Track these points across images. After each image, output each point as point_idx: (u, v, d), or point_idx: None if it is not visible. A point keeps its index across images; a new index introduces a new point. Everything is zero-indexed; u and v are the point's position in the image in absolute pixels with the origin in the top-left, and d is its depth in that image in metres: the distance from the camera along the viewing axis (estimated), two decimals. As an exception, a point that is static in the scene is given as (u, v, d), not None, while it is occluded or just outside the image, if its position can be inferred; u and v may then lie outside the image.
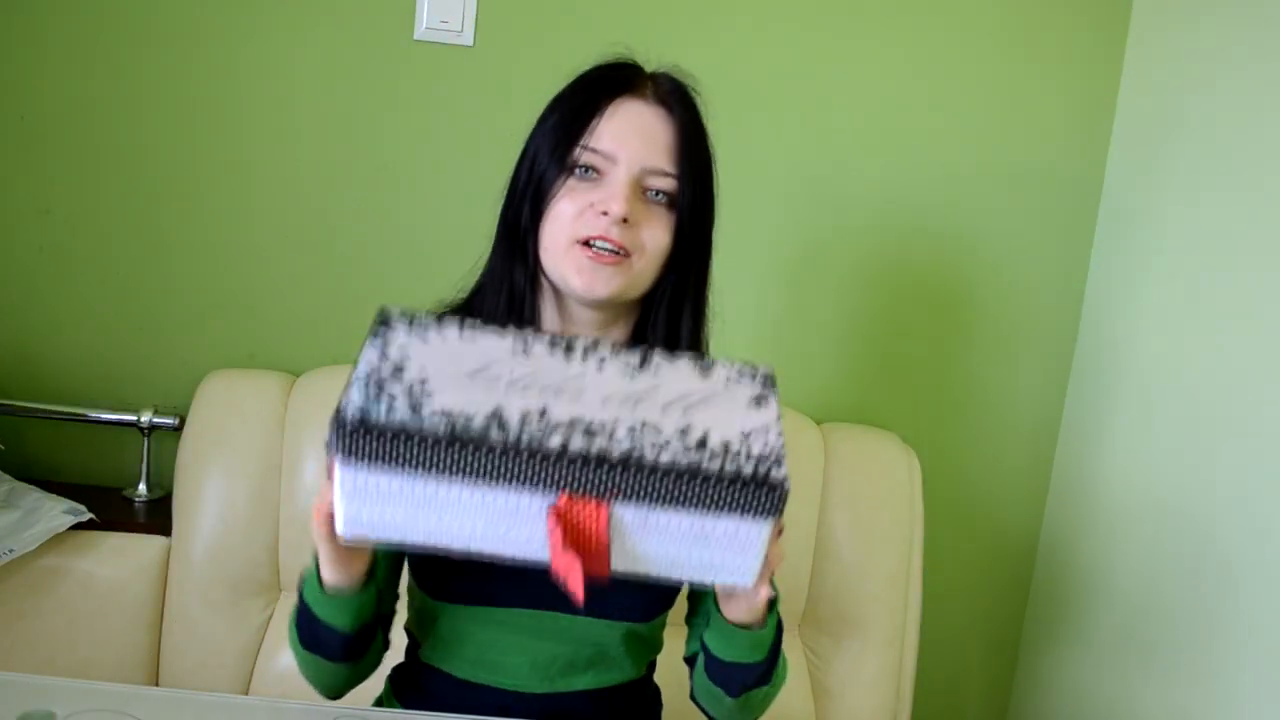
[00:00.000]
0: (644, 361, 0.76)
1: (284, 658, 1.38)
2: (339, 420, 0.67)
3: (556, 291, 0.96)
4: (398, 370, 0.71)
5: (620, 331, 1.00)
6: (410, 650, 1.05)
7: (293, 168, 1.52)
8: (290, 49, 1.50)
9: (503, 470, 0.67)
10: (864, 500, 1.50)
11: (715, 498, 0.69)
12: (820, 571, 1.48)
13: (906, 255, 1.63)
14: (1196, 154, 1.43)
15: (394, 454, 0.67)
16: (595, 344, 0.76)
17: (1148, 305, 1.50)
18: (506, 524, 0.70)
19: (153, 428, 1.49)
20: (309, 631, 0.90)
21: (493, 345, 0.75)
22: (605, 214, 0.90)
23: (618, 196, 0.90)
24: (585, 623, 0.96)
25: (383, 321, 0.75)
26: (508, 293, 0.97)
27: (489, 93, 1.53)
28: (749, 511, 0.70)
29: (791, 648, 1.49)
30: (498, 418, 0.69)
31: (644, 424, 0.71)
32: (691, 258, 0.96)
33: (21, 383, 1.52)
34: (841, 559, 1.48)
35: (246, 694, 1.37)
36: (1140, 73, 1.57)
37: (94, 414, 1.50)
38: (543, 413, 0.70)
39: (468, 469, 0.67)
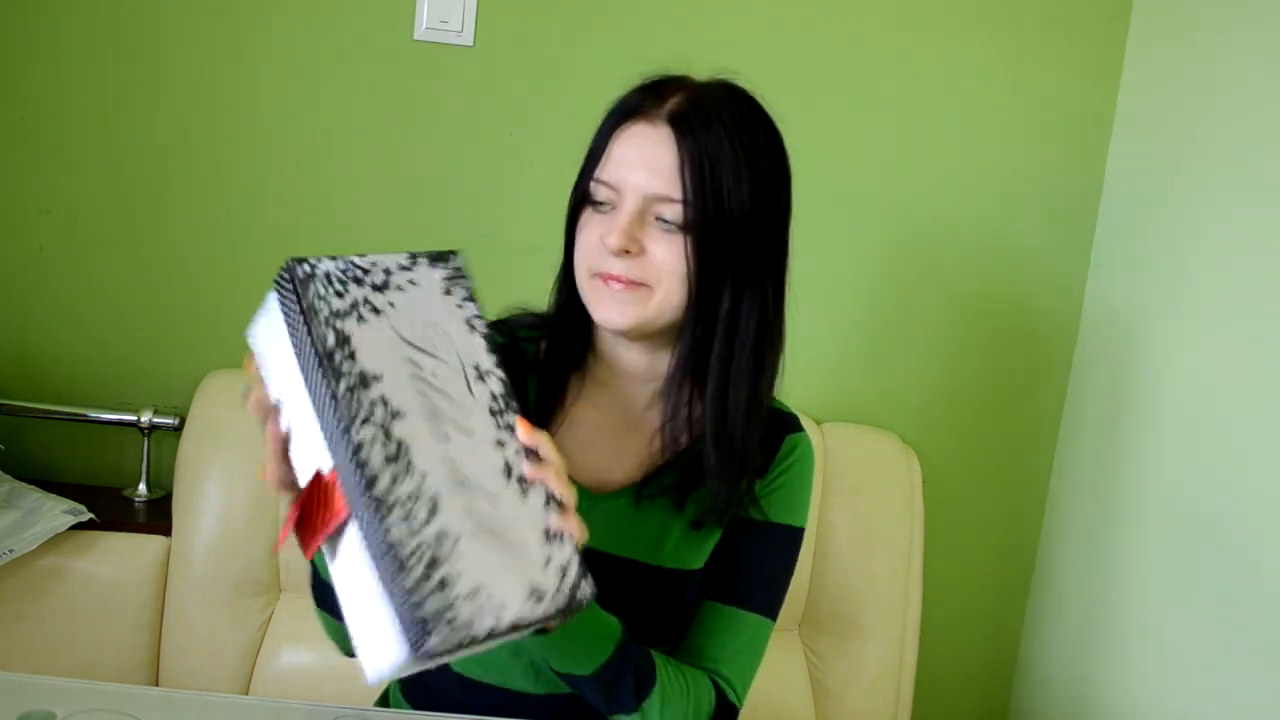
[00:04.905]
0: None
1: (284, 658, 1.38)
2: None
3: None
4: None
5: (669, 358, 0.96)
6: None
7: (293, 167, 1.52)
8: (291, 49, 1.50)
9: (325, 408, 0.71)
10: (864, 500, 1.50)
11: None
12: (820, 571, 1.48)
13: (905, 256, 1.63)
14: (1196, 153, 1.42)
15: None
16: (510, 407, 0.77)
17: (1148, 305, 1.49)
18: (304, 439, 0.74)
19: (153, 428, 1.49)
20: (316, 584, 0.92)
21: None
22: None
23: (616, 228, 0.87)
24: None
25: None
26: (566, 314, 0.98)
27: (489, 93, 1.53)
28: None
29: (791, 648, 1.49)
30: (366, 375, 0.72)
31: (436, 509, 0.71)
32: (723, 281, 0.90)
33: (21, 383, 1.52)
34: (841, 559, 1.48)
35: (246, 694, 1.37)
36: (1140, 73, 1.57)
37: (94, 414, 1.50)
38: (396, 414, 0.72)
39: (315, 386, 0.72)
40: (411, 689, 1.05)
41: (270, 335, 0.76)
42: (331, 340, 0.73)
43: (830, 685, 1.48)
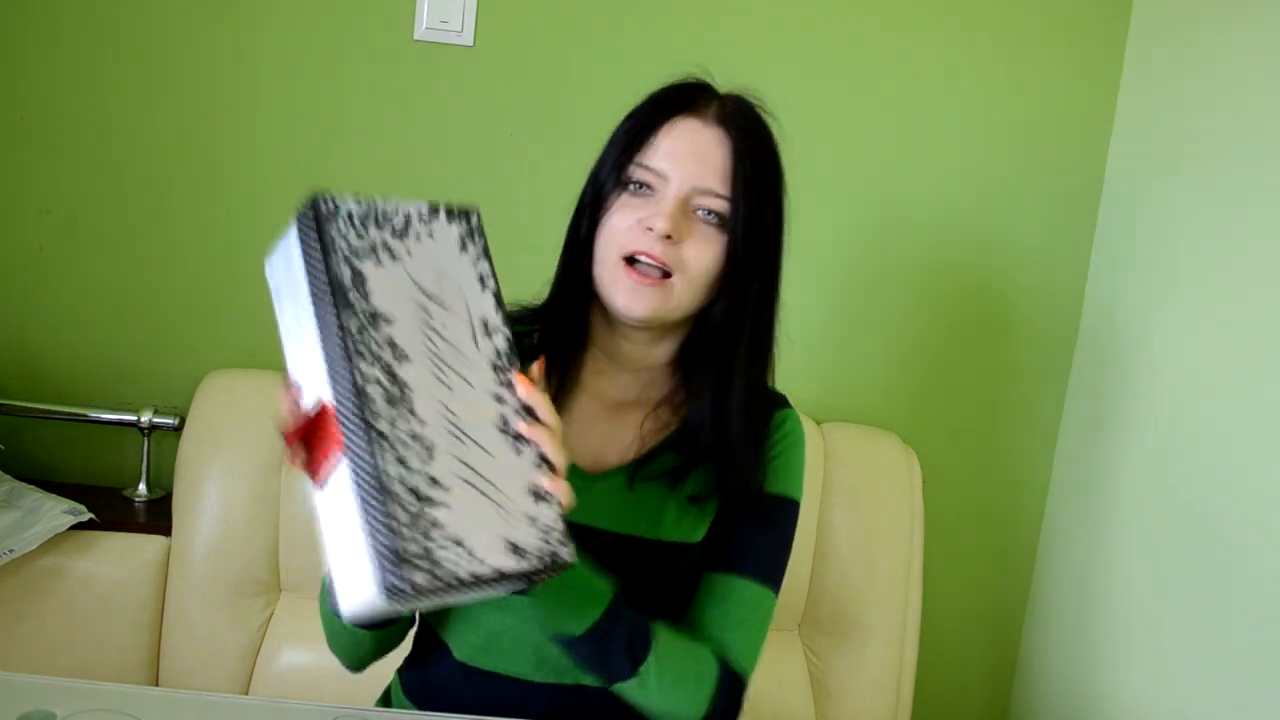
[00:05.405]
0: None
1: (284, 658, 1.38)
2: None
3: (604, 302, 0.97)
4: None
5: (665, 348, 1.00)
6: (419, 638, 1.06)
7: (293, 167, 1.52)
8: (291, 49, 1.50)
9: (331, 338, 0.72)
10: (864, 500, 1.50)
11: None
12: (820, 571, 1.48)
13: (906, 256, 1.63)
14: (1196, 153, 1.43)
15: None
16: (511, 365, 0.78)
17: (1148, 305, 1.50)
18: (309, 372, 0.74)
19: (153, 428, 1.49)
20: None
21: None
22: (651, 230, 0.91)
23: (663, 213, 0.91)
24: None
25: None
26: (565, 302, 1.00)
27: (489, 93, 1.53)
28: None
29: (791, 648, 1.49)
30: (377, 315, 0.73)
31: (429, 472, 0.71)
32: (748, 280, 0.95)
33: (21, 383, 1.52)
34: (841, 559, 1.48)
35: (246, 694, 1.37)
36: (1140, 73, 1.57)
37: (94, 414, 1.50)
38: (403, 356, 0.73)
39: (325, 315, 0.73)
40: (412, 684, 1.05)
41: (286, 267, 0.77)
42: (347, 276, 0.74)
43: (830, 685, 1.48)
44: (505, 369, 0.78)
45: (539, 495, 0.76)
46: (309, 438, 0.74)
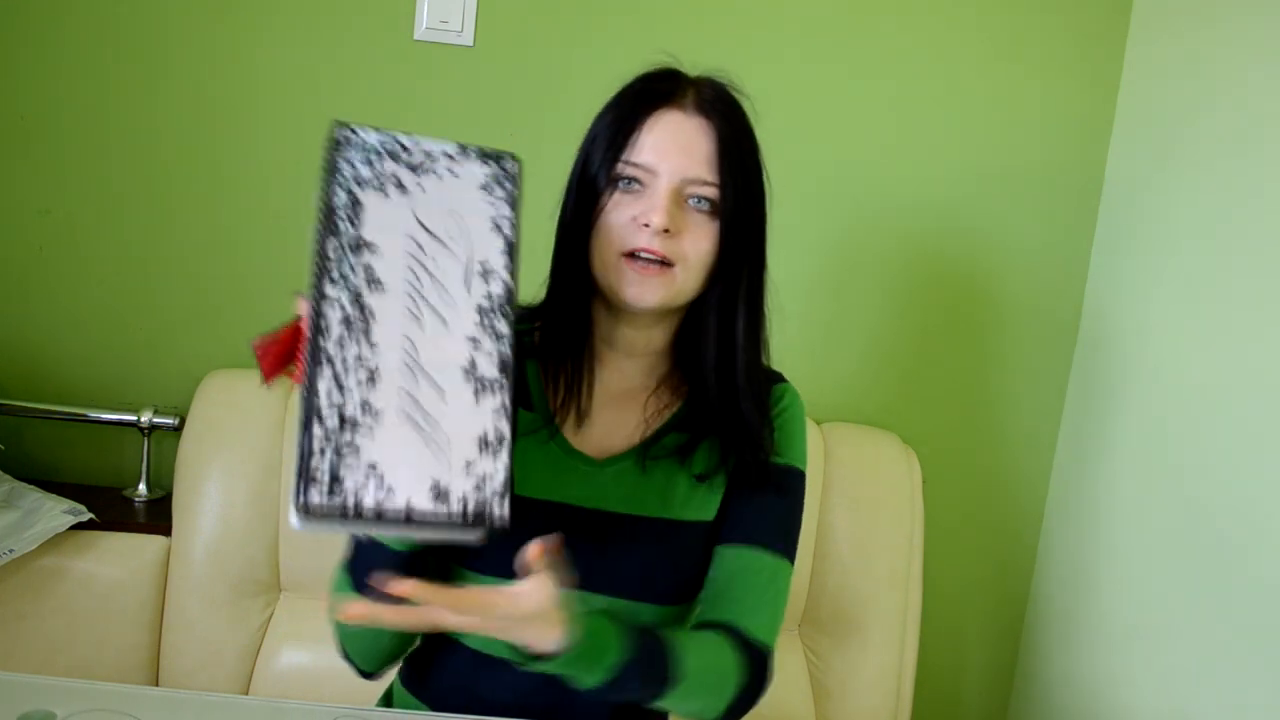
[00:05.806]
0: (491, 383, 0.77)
1: (284, 658, 1.38)
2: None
3: (606, 296, 0.98)
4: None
5: (664, 331, 1.02)
6: (426, 633, 1.06)
7: (293, 167, 1.52)
8: (290, 49, 1.50)
9: (312, 257, 0.75)
10: (864, 500, 1.50)
11: None
12: (820, 571, 1.48)
13: (907, 256, 1.63)
14: (1196, 154, 1.43)
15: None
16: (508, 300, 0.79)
17: (1147, 305, 1.50)
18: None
19: (153, 428, 1.49)
20: (361, 562, 0.90)
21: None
22: (647, 225, 0.93)
23: (658, 209, 0.92)
24: (621, 606, 0.96)
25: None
26: (565, 297, 1.01)
27: (489, 93, 1.53)
28: None
29: (791, 648, 1.49)
30: (362, 242, 0.75)
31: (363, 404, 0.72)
32: (741, 261, 0.98)
33: (21, 383, 1.52)
34: (841, 559, 1.48)
35: (246, 694, 1.37)
36: (1140, 73, 1.57)
37: (94, 414, 1.50)
38: (375, 283, 0.74)
39: (314, 236, 0.76)
40: (418, 680, 1.05)
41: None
42: (341, 200, 0.76)
43: (830, 685, 1.48)
44: (493, 311, 0.78)
45: (486, 445, 0.75)
46: (296, 350, 0.76)
